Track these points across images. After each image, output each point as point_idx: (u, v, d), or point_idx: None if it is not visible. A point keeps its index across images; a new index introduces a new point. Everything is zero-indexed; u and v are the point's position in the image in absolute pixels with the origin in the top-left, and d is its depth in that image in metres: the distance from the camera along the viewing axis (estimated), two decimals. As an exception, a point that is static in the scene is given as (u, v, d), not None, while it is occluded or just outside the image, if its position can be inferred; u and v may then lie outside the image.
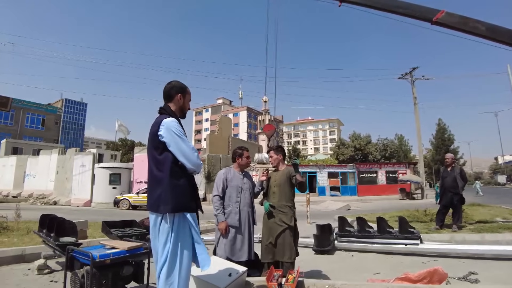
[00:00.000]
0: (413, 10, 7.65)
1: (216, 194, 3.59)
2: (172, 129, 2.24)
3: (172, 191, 2.21)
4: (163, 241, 2.22)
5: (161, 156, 2.26)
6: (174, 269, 2.20)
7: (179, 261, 2.21)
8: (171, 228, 2.22)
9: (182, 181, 2.28)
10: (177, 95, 2.42)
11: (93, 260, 3.01)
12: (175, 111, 2.42)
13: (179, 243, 2.22)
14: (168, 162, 2.25)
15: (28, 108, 44.69)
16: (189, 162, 2.26)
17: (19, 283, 3.97)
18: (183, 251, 2.23)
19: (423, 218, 8.71)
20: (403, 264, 4.68)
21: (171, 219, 2.23)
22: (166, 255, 2.20)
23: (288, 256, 3.37)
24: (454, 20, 7.19)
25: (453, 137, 50.74)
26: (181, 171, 2.28)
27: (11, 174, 28.84)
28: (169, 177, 2.23)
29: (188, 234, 2.27)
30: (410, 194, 25.90)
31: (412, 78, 27.80)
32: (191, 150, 2.27)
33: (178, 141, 2.24)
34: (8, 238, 6.20)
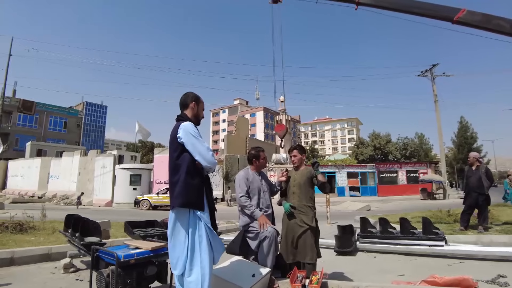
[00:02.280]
0: (432, 10, 7.46)
1: (242, 195, 3.55)
2: (189, 131, 2.49)
3: (185, 188, 2.43)
4: (182, 238, 2.41)
5: (179, 157, 2.50)
6: (195, 264, 2.36)
7: (200, 256, 2.37)
8: (188, 225, 2.42)
9: (197, 181, 2.49)
10: (191, 103, 2.69)
11: (118, 260, 3.07)
12: (191, 117, 2.67)
13: (196, 239, 2.40)
14: (185, 163, 2.48)
15: (51, 112, 46.07)
16: (205, 160, 2.47)
17: (46, 281, 4.07)
18: (202, 247, 2.39)
19: (447, 219, 8.49)
20: (427, 266, 4.56)
21: (186, 215, 2.44)
22: (186, 251, 2.37)
23: (309, 257, 3.33)
24: (477, 18, 6.96)
25: (476, 135, 49.12)
26: (196, 171, 2.50)
27: (36, 176, 29.80)
28: (185, 175, 2.45)
29: (203, 231, 2.42)
30: (431, 194, 25.27)
31: (432, 75, 27.16)
32: (206, 149, 2.50)
33: (194, 141, 2.48)
34: (35, 237, 6.37)
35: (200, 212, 2.44)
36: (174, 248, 2.47)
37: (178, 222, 2.47)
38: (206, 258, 2.38)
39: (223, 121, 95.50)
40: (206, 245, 2.41)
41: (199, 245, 2.39)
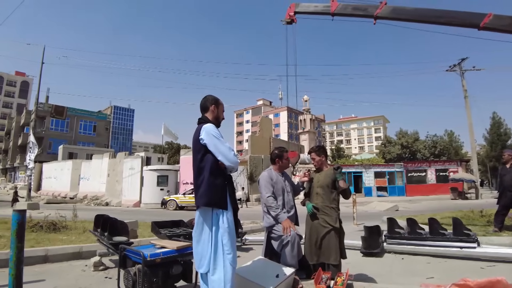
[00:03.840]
0: (456, 18, 7.22)
1: (269, 195, 3.52)
2: (211, 132, 2.56)
3: (209, 188, 2.49)
4: (206, 237, 2.47)
5: (203, 158, 2.56)
6: (219, 263, 2.40)
7: (223, 256, 2.41)
8: (211, 224, 2.48)
9: (220, 181, 2.55)
10: (211, 106, 2.76)
11: (145, 259, 3.14)
12: (211, 120, 2.74)
13: (219, 238, 2.44)
14: (208, 163, 2.54)
15: (81, 116, 47.89)
16: (227, 160, 2.52)
17: (78, 278, 4.23)
18: (225, 245, 2.43)
19: (480, 220, 8.13)
20: (458, 269, 4.37)
21: (209, 215, 2.50)
22: (210, 250, 2.43)
23: (333, 258, 3.28)
24: (505, 22, 6.66)
25: (510, 131, 46.63)
26: (219, 172, 2.56)
27: (68, 177, 31.06)
28: (208, 175, 2.52)
29: (226, 229, 2.47)
30: (462, 194, 24.28)
31: (461, 69, 26.05)
32: (228, 149, 2.56)
33: (216, 142, 2.53)
34: (67, 236, 6.64)
35: (223, 211, 2.49)
36: (199, 246, 2.53)
37: (202, 221, 2.53)
38: (230, 256, 2.42)
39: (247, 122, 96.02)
40: (230, 245, 2.44)
41: (221, 245, 2.43)
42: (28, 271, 4.46)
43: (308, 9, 8.53)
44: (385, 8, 7.58)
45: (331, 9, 8.01)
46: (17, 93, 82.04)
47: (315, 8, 8.42)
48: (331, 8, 8.02)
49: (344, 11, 8.07)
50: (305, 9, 8.55)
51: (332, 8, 8.00)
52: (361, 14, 7.99)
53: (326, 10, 8.15)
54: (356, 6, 8.08)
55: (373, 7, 7.72)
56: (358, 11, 8.01)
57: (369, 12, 7.78)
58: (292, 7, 8.58)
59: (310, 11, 8.53)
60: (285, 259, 3.30)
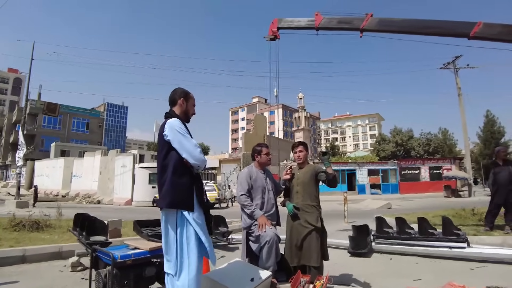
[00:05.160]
0: (445, 28, 7.12)
1: (242, 193, 3.36)
2: (175, 128, 2.38)
3: (172, 188, 2.31)
4: (172, 240, 2.32)
5: (166, 155, 2.39)
6: (184, 267, 2.26)
7: (188, 259, 2.26)
8: (176, 226, 2.31)
9: (185, 180, 2.36)
10: (180, 100, 2.58)
11: (114, 260, 2.99)
12: (179, 114, 2.55)
13: (184, 241, 2.29)
14: (172, 161, 2.36)
15: (74, 113, 47.39)
16: (192, 158, 2.34)
17: (54, 279, 4.09)
18: (190, 249, 2.28)
19: (471, 218, 8.03)
20: (447, 270, 4.24)
21: (174, 216, 2.32)
22: (175, 253, 2.29)
23: (314, 260, 3.11)
24: (495, 31, 6.56)
25: (503, 129, 46.84)
26: (184, 170, 2.37)
27: (60, 175, 30.70)
28: (171, 174, 2.33)
29: (192, 232, 2.30)
30: (456, 192, 24.27)
31: (455, 67, 25.93)
32: (193, 146, 2.37)
33: (181, 138, 2.36)
34: (49, 236, 6.46)
35: (189, 212, 2.31)
36: (165, 249, 2.37)
37: (167, 223, 2.35)
38: (195, 260, 2.26)
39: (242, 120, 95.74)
40: (195, 247, 2.28)
41: (187, 247, 2.27)
42: (4, 272, 4.37)
43: (292, 24, 8.23)
44: (371, 20, 7.38)
45: (315, 23, 7.78)
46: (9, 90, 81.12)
47: (299, 23, 8.14)
48: (315, 23, 7.78)
49: (328, 25, 7.85)
50: (289, 24, 8.25)
51: (317, 22, 7.77)
52: (346, 27, 7.79)
53: (310, 25, 7.92)
54: (341, 19, 7.86)
55: (359, 20, 7.51)
56: (343, 24, 7.80)
57: (354, 25, 7.57)
58: (275, 23, 8.26)
59: (294, 26, 8.24)
60: (263, 261, 3.13)
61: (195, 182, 2.42)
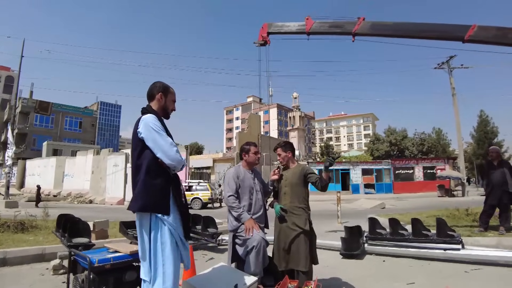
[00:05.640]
0: (439, 31, 7.03)
1: (230, 194, 3.19)
2: (150, 125, 2.19)
3: (145, 189, 2.14)
4: (146, 245, 2.16)
5: (140, 155, 2.21)
6: (158, 275, 2.10)
7: (162, 266, 2.10)
8: (150, 231, 2.14)
9: (159, 181, 2.18)
10: (158, 94, 2.39)
11: (91, 264, 2.82)
12: (157, 110, 2.37)
13: (159, 247, 2.12)
14: (146, 161, 2.18)
15: (66, 112, 46.78)
16: (167, 157, 2.16)
17: (33, 283, 3.92)
18: (165, 255, 2.12)
19: (465, 218, 7.94)
20: (441, 273, 4.11)
21: (147, 220, 2.15)
22: (149, 258, 2.14)
23: (303, 264, 2.95)
24: (490, 34, 6.47)
25: (497, 129, 47.04)
26: (158, 170, 2.19)
27: (51, 175, 30.23)
28: (144, 175, 2.15)
29: (168, 237, 2.14)
30: (449, 191, 24.30)
31: (449, 67, 25.95)
32: (169, 145, 2.19)
33: (155, 136, 2.17)
34: (34, 237, 6.28)
35: (164, 216, 2.14)
36: (141, 254, 2.21)
37: (141, 227, 2.18)
38: (170, 267, 2.09)
39: (237, 119, 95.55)
40: (171, 253, 2.11)
41: (161, 253, 2.10)
42: (-18, 275, 4.16)
43: (282, 29, 8.03)
44: (364, 24, 7.24)
45: (306, 28, 7.60)
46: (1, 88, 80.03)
47: (289, 28, 7.95)
48: (306, 27, 7.61)
49: (320, 29, 7.67)
50: (279, 29, 8.05)
51: (307, 27, 7.59)
52: (338, 31, 7.62)
53: (301, 30, 7.74)
54: (332, 23, 7.69)
55: (351, 24, 7.35)
56: (335, 28, 7.63)
57: (346, 29, 7.41)
58: (264, 28, 8.07)
59: (284, 32, 8.05)
60: (249, 266, 2.97)
61: (171, 184, 2.23)
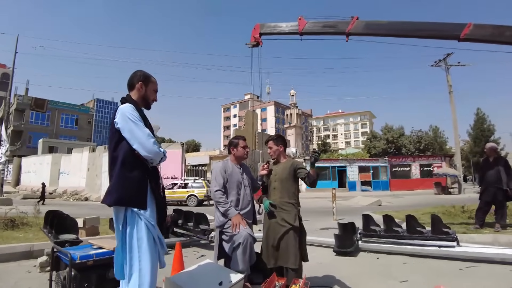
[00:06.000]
0: (435, 30, 6.92)
1: (218, 189, 3.08)
2: (126, 115, 2.10)
3: (120, 182, 2.05)
4: (120, 237, 2.07)
5: (116, 146, 2.12)
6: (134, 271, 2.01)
7: (139, 263, 2.01)
8: (125, 224, 2.06)
9: (135, 174, 2.08)
10: (138, 84, 2.29)
11: (72, 261, 2.73)
12: (136, 100, 2.28)
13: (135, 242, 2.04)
14: (122, 152, 2.09)
15: (62, 109, 46.45)
16: (144, 149, 2.07)
17: (18, 280, 3.82)
18: (141, 251, 2.02)
19: (461, 215, 7.89)
20: (436, 270, 4.04)
21: (122, 214, 2.06)
22: (125, 255, 2.04)
23: (292, 261, 2.86)
24: (486, 32, 6.38)
25: (493, 127, 47.16)
26: (135, 162, 2.09)
27: (47, 172, 30.05)
28: (120, 167, 2.06)
29: (145, 232, 2.04)
30: (446, 189, 24.35)
31: (446, 65, 25.93)
32: (146, 135, 2.09)
33: (132, 127, 2.08)
34: (24, 234, 6.20)
35: (140, 210, 2.04)
36: (116, 250, 2.12)
37: (117, 222, 2.09)
38: (147, 264, 1.99)
39: (234, 116, 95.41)
40: (148, 249, 2.02)
41: (137, 249, 2.00)
42: (-32, 273, 4.07)
43: (274, 30, 7.89)
44: (357, 24, 7.10)
45: (299, 28, 7.47)
46: (-3, 85, 79.47)
47: (282, 29, 7.81)
48: (298, 28, 7.47)
49: (313, 29, 7.52)
50: (271, 30, 7.91)
51: (300, 27, 7.45)
52: (331, 31, 7.48)
53: (294, 30, 7.61)
54: (326, 23, 7.53)
55: (344, 23, 7.21)
56: (328, 28, 7.48)
57: (340, 29, 7.27)
58: (256, 29, 7.94)
59: (277, 32, 7.91)
60: (235, 263, 2.88)
61: (149, 177, 2.13)
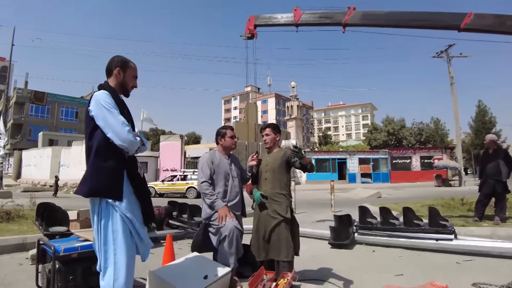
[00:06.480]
0: (434, 21, 6.74)
1: (204, 180, 2.99)
2: (100, 102, 1.99)
3: (93, 172, 1.97)
4: (95, 230, 1.98)
5: (91, 135, 2.02)
6: (109, 265, 1.92)
7: (114, 256, 1.92)
8: (100, 216, 1.96)
9: (110, 163, 1.98)
10: (115, 70, 2.18)
11: (56, 253, 2.66)
12: (114, 87, 2.18)
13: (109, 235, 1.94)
14: (96, 141, 1.99)
15: (62, 102, 46.21)
16: (118, 138, 1.96)
17: (9, 272, 3.79)
18: (117, 244, 1.93)
19: (460, 208, 7.80)
20: (432, 264, 3.96)
21: (97, 206, 1.98)
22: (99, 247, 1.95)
23: (284, 254, 2.78)
24: (487, 22, 6.22)
25: (495, 119, 46.83)
26: (109, 151, 1.99)
27: (47, 165, 30.09)
28: (93, 156, 1.98)
29: (120, 225, 1.95)
30: (446, 181, 24.29)
31: (448, 56, 25.61)
32: (120, 123, 1.98)
33: (106, 115, 1.97)
34: (19, 226, 6.19)
35: (115, 201, 1.94)
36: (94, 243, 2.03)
37: (92, 213, 2.00)
38: (123, 257, 1.90)
39: (235, 109, 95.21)
40: (123, 242, 1.93)
41: (112, 242, 1.91)
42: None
43: (269, 21, 7.72)
44: (354, 14, 6.96)
45: (295, 19, 7.32)
46: (-3, 78, 79.24)
47: (277, 20, 7.65)
48: (294, 19, 7.33)
49: (309, 20, 7.37)
50: (266, 21, 7.74)
51: (296, 18, 7.30)
52: (328, 22, 7.33)
53: (289, 21, 7.46)
54: (322, 14, 7.38)
55: (341, 14, 7.06)
56: (324, 19, 7.34)
57: (336, 20, 7.14)
58: (251, 20, 7.76)
59: (272, 24, 7.75)
60: (221, 256, 2.80)
61: (125, 167, 2.03)
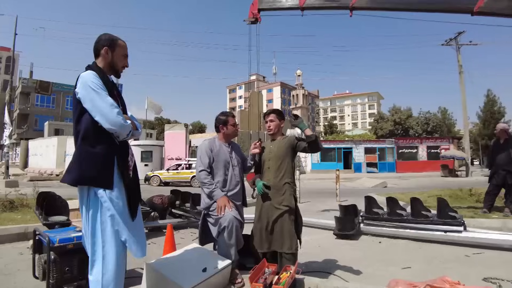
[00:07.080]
0: (445, 3, 6.45)
1: (202, 169, 2.85)
2: (88, 83, 1.85)
3: (80, 159, 1.85)
4: (84, 221, 1.88)
5: (79, 119, 1.88)
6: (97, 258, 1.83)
7: (102, 249, 1.82)
8: (88, 206, 1.85)
9: (98, 149, 1.85)
10: (103, 50, 2.02)
11: (51, 244, 2.58)
12: (103, 68, 2.03)
13: (98, 226, 1.83)
14: (83, 125, 1.85)
15: (67, 91, 46.02)
16: (107, 121, 1.82)
17: (9, 262, 3.77)
18: (105, 236, 1.82)
19: (468, 199, 7.63)
20: (440, 256, 3.82)
21: (85, 195, 1.87)
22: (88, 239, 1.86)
23: (288, 246, 2.66)
24: (502, 5, 5.92)
25: (504, 109, 45.99)
26: (98, 136, 1.86)
27: (53, 154, 30.25)
28: (80, 142, 1.85)
29: (109, 216, 1.83)
30: (453, 171, 23.97)
31: (457, 44, 25.10)
32: (109, 106, 1.83)
33: (93, 96, 1.83)
34: (22, 215, 6.18)
35: (105, 190, 1.82)
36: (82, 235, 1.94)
37: (81, 203, 1.89)
38: (112, 250, 1.80)
39: (240, 98, 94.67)
40: (112, 234, 1.82)
41: (101, 233, 1.80)
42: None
43: (274, 5, 7.46)
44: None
45: (300, 2, 7.06)
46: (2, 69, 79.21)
47: (281, 3, 7.40)
48: (299, 2, 7.07)
49: (314, 3, 7.12)
50: (270, 5, 7.48)
51: (301, 1, 7.04)
52: (334, 5, 7.10)
53: (294, 5, 7.20)
54: None
55: None
56: (331, 2, 7.09)
57: (343, 3, 6.88)
58: (255, 4, 7.51)
59: (276, 7, 7.49)
60: (221, 248, 2.69)
61: (116, 153, 1.90)
